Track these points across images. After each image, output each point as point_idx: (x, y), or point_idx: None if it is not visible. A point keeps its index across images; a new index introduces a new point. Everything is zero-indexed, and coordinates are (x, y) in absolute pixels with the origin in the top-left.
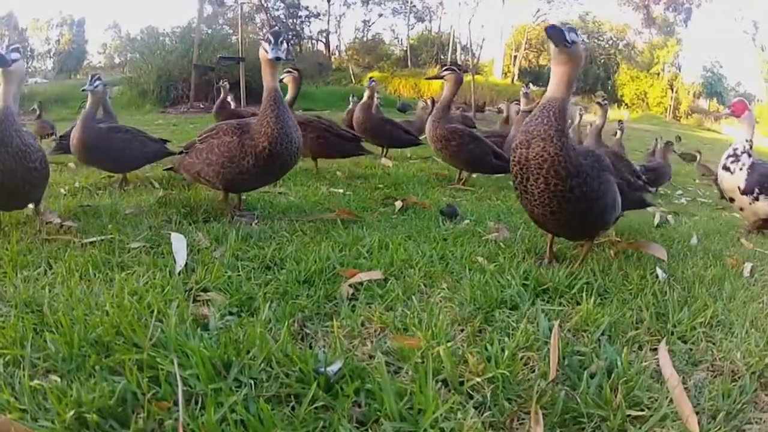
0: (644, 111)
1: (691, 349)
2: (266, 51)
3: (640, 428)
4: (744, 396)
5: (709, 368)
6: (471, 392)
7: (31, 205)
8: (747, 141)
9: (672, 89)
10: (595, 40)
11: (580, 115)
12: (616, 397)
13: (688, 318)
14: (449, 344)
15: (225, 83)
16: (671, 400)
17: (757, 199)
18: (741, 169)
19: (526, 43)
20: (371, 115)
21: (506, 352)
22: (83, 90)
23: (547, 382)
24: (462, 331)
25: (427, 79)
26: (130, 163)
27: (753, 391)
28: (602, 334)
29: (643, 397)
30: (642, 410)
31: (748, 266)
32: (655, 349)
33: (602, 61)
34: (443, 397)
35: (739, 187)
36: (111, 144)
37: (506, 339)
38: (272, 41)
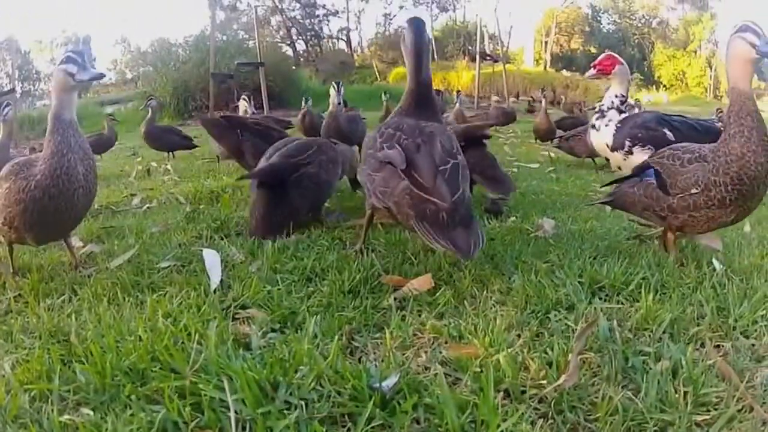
0: (683, 92)
1: (753, 345)
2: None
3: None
4: None
5: None
6: (533, 401)
7: None
8: (617, 96)
9: (711, 67)
10: (627, 20)
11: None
12: (681, 399)
13: (749, 311)
14: (509, 350)
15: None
16: (738, 400)
17: (630, 152)
18: (607, 125)
19: (555, 27)
20: None
21: (568, 357)
22: None
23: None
24: (519, 336)
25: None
26: None
27: None
28: (664, 332)
29: (710, 397)
30: (708, 411)
31: None
32: (719, 346)
33: (636, 41)
34: (506, 407)
35: (607, 144)
36: None
37: (566, 342)
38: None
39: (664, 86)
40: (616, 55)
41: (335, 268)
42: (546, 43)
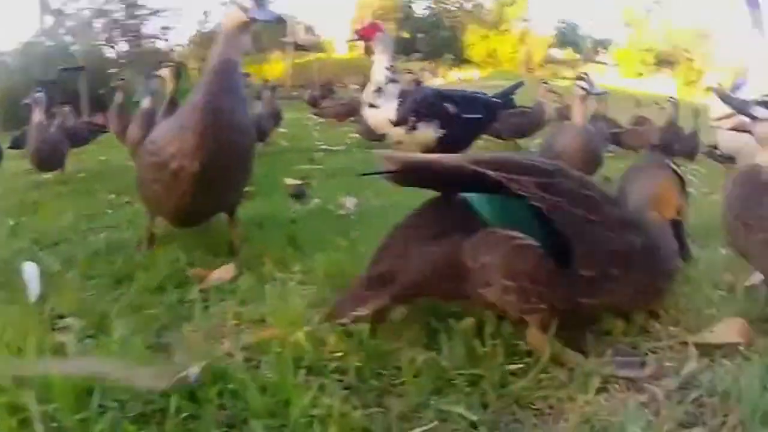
0: (495, 68)
1: None
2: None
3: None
4: None
5: None
6: (336, 374)
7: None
8: (387, 69)
9: (523, 43)
10: (442, 4)
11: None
12: (491, 352)
13: None
14: (307, 328)
15: None
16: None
17: (414, 128)
18: (388, 100)
19: (372, 15)
20: None
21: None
22: None
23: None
24: (319, 313)
25: None
26: None
27: None
28: None
29: (522, 347)
30: (522, 359)
31: None
32: None
33: (449, 24)
34: (310, 383)
35: (390, 120)
36: None
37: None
38: None
39: (477, 64)
40: (380, 23)
41: (142, 267)
42: None
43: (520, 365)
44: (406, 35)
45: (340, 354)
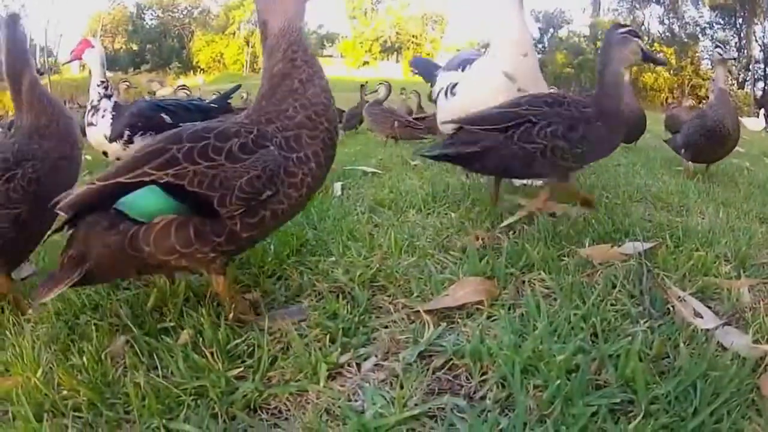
0: (221, 72)
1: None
2: None
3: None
4: None
5: None
6: (75, 412)
7: None
8: (99, 85)
9: (248, 45)
10: (170, 14)
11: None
12: (211, 359)
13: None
14: (41, 370)
15: None
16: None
17: (130, 141)
18: (103, 116)
19: (101, 30)
20: None
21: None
22: None
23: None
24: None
25: None
26: None
27: None
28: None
29: (242, 348)
30: (243, 361)
31: (338, 186)
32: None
33: (176, 32)
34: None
35: (105, 135)
36: None
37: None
38: None
39: (202, 70)
40: (91, 39)
41: None
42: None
43: (241, 368)
44: (134, 47)
45: (72, 391)
